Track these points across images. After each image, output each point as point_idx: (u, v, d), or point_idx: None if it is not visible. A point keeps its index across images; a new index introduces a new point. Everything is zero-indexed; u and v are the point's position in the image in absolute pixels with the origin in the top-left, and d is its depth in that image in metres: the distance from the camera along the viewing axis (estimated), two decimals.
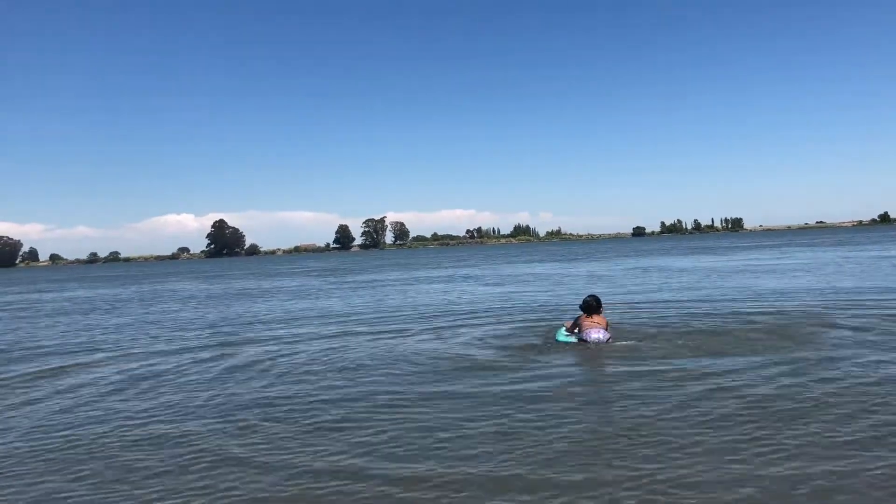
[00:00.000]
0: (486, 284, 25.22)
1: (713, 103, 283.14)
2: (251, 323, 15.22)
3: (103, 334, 14.30)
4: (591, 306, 10.08)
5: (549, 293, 19.46)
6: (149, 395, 7.87)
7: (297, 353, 10.31)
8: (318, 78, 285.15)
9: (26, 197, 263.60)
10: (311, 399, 7.23)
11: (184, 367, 9.61)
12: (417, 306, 17.24)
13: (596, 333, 9.74)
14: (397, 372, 8.51)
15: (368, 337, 11.71)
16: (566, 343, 10.00)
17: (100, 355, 11.15)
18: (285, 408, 6.92)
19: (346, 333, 12.36)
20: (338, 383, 7.97)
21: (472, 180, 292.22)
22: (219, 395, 7.71)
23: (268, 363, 9.57)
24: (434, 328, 12.42)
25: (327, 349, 10.59)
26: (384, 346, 10.65)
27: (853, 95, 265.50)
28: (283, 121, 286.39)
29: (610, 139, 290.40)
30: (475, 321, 13.18)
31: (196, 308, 20.47)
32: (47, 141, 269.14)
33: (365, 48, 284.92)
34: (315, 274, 44.09)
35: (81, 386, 8.61)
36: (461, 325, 12.59)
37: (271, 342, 11.73)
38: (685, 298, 15.64)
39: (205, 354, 10.69)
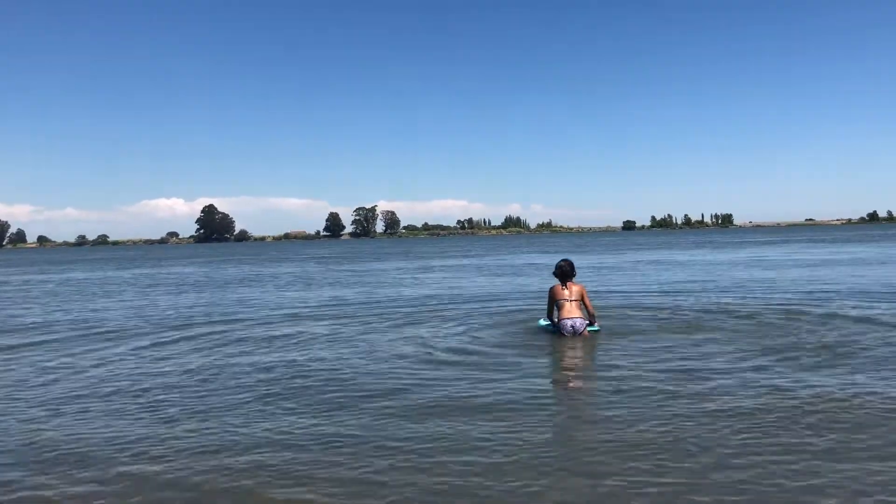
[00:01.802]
0: (491, 274, 25.09)
1: (705, 100, 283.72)
2: (234, 309, 14.97)
3: (82, 315, 14.02)
4: (566, 272, 9.48)
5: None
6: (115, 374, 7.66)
7: (275, 340, 10.11)
8: (312, 64, 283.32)
9: (15, 178, 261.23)
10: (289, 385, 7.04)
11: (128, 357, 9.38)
12: (414, 295, 17.04)
13: (571, 323, 9.23)
14: (380, 363, 8.21)
15: (343, 328, 11.43)
16: (546, 329, 9.76)
17: (72, 334, 10.91)
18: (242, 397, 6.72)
19: (323, 322, 12.13)
20: (302, 375, 7.65)
21: (465, 171, 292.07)
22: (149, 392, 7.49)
23: (262, 346, 9.38)
24: (425, 318, 12.21)
25: (302, 338, 10.32)
26: (367, 337, 10.30)
27: (845, 95, 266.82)
28: (275, 106, 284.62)
29: (602, 133, 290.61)
30: (470, 311, 12.99)
31: (182, 293, 20.19)
32: (37, 122, 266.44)
33: (359, 36, 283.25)
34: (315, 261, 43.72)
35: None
36: (461, 315, 12.38)
37: (262, 327, 11.51)
38: (687, 290, 15.51)
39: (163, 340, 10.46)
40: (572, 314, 9.30)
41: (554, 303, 9.55)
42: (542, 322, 10.13)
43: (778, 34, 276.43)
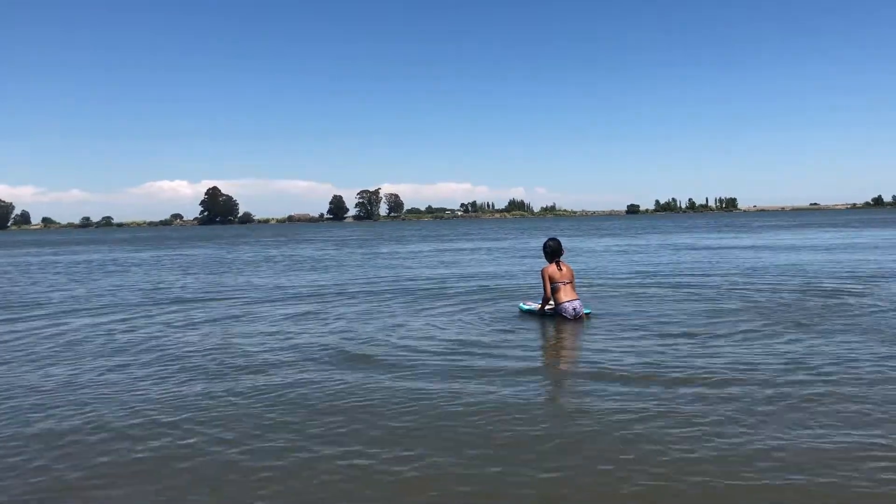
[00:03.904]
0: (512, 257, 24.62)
1: (710, 84, 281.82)
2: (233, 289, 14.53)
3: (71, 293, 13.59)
4: (555, 250, 9.32)
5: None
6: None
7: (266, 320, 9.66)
8: (315, 46, 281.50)
9: (19, 159, 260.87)
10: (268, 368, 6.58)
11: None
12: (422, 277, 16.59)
13: (572, 306, 8.97)
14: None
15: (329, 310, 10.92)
16: (536, 313, 9.41)
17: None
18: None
19: (304, 303, 11.70)
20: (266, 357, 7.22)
21: (469, 154, 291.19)
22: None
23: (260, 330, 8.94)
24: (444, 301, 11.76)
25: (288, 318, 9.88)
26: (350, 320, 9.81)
27: (850, 79, 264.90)
28: (280, 89, 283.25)
29: (606, 117, 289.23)
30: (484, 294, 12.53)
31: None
32: (42, 102, 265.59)
33: (364, 19, 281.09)
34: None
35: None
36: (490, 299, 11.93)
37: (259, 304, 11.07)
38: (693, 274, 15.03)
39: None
40: (572, 297, 9.15)
41: (551, 284, 9.23)
42: (525, 306, 9.86)
43: (781, 17, 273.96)
